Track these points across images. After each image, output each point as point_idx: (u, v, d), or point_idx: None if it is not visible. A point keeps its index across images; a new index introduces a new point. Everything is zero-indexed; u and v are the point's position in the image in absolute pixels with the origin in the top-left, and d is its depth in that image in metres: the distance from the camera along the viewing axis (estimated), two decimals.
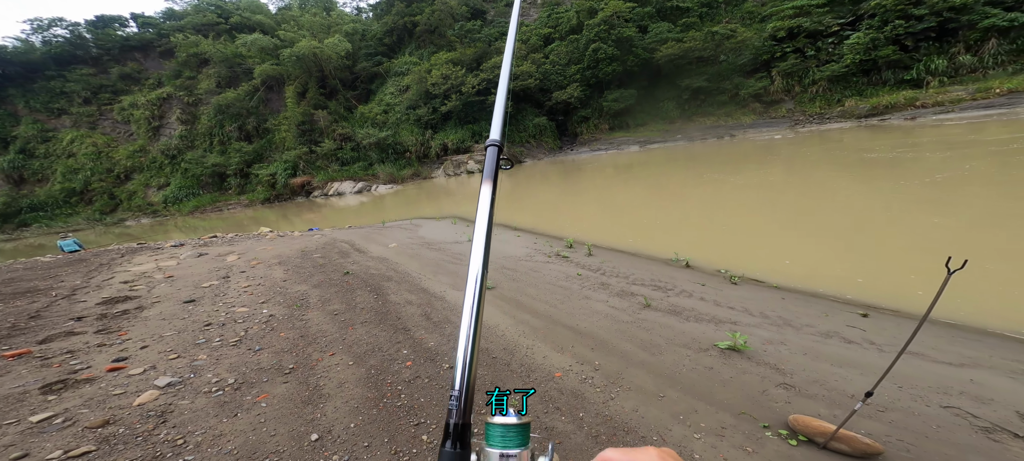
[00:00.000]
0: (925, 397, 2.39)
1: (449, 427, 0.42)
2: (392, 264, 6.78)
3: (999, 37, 19.33)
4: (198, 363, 3.47)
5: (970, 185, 7.79)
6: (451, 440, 0.42)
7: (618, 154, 25.99)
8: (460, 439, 0.42)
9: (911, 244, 5.46)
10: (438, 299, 5.03)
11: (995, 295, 3.82)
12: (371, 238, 9.49)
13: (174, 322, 4.48)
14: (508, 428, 0.42)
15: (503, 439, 0.41)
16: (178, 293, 5.61)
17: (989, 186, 7.57)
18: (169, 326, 4.36)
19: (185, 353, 3.68)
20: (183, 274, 6.73)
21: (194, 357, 3.59)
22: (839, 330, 3.40)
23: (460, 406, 0.43)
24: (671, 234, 7.46)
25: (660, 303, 4.28)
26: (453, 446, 0.41)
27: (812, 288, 4.58)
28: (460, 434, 0.42)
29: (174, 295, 5.52)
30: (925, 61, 20.65)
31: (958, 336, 3.32)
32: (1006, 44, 19.24)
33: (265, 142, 33.89)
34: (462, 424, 0.43)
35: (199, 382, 3.14)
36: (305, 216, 22.01)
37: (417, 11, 39.48)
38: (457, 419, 0.42)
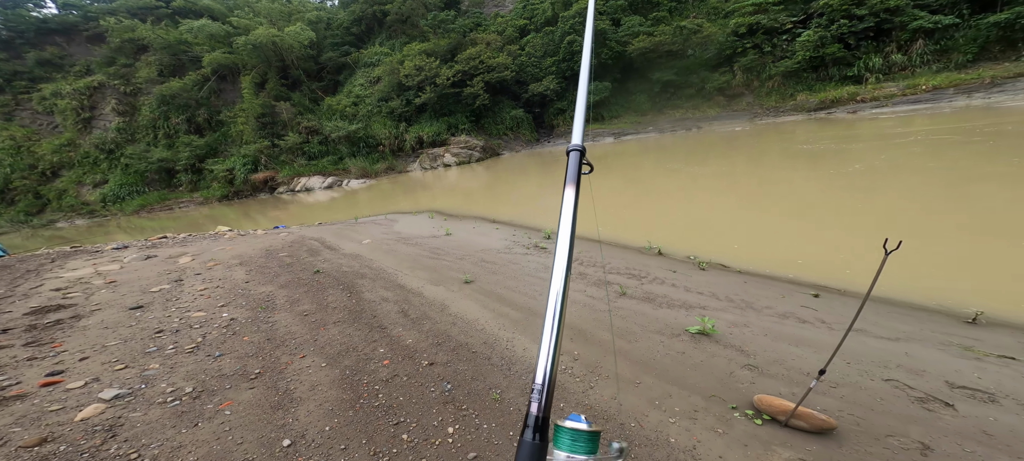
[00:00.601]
0: (869, 372, 2.63)
1: (529, 418, 0.43)
2: (366, 261, 6.55)
3: (925, 38, 21.31)
4: (150, 373, 3.20)
5: (900, 172, 8.61)
6: (532, 430, 0.43)
7: (593, 146, 26.41)
8: (540, 431, 0.43)
9: (851, 226, 5.96)
10: (416, 295, 4.92)
11: (924, 272, 4.26)
12: (343, 235, 9.10)
13: (119, 330, 4.09)
14: (578, 433, 0.42)
15: (572, 444, 0.42)
16: (122, 299, 5.12)
17: (916, 173, 8.41)
18: (113, 335, 3.98)
19: (134, 363, 3.37)
20: (128, 279, 6.15)
21: (145, 366, 3.30)
22: (795, 311, 3.66)
23: (541, 399, 0.44)
24: (644, 223, 7.70)
25: (635, 291, 4.41)
26: (533, 436, 0.42)
27: (770, 271, 4.89)
28: (541, 426, 0.43)
29: (118, 302, 5.03)
30: (864, 59, 22.43)
31: (894, 312, 3.67)
32: (931, 45, 21.26)
33: (219, 135, 31.42)
34: (544, 417, 0.43)
35: (152, 392, 2.90)
36: (270, 213, 20.75)
37: None
38: (539, 412, 0.43)
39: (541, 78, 31.07)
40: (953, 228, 5.29)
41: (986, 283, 3.95)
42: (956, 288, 3.94)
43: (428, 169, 28.08)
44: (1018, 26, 18.92)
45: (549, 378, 0.45)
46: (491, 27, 36.96)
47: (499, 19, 39.29)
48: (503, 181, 18.39)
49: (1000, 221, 5.31)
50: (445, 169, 27.14)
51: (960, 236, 5.04)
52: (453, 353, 3.43)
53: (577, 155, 0.60)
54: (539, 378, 0.45)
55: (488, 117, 31.41)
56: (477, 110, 30.56)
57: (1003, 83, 18.92)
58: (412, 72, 29.28)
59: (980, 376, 2.51)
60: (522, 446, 0.42)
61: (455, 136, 29.47)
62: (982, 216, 5.54)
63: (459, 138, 29.17)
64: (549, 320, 0.48)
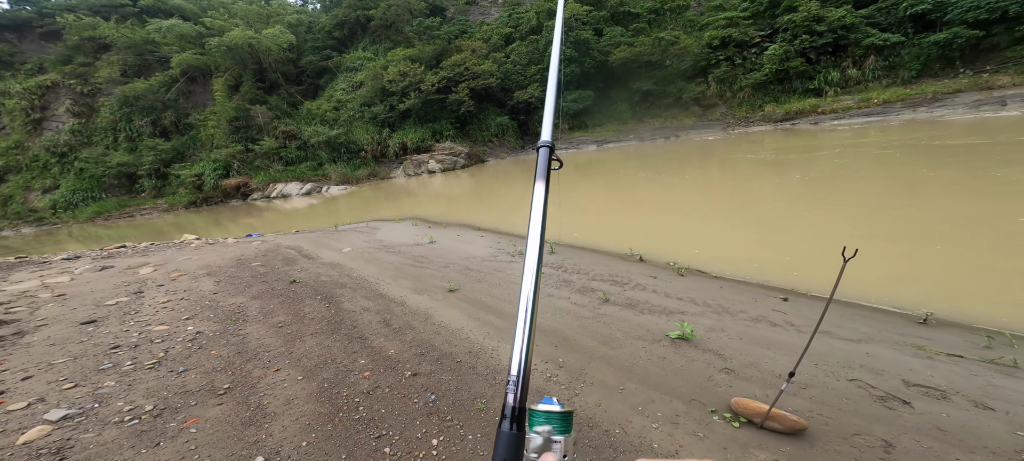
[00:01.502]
0: (835, 372, 2.78)
1: (506, 409, 0.45)
2: (346, 270, 6.36)
3: (876, 54, 23.04)
4: (104, 391, 2.98)
5: (855, 181, 9.22)
6: (509, 421, 0.44)
7: (577, 153, 26.86)
8: (517, 421, 0.44)
9: (813, 232, 6.32)
10: (398, 304, 4.82)
11: (880, 276, 4.56)
12: (322, 243, 8.82)
13: (68, 347, 3.80)
14: (551, 415, 0.45)
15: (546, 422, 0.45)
16: (72, 314, 4.75)
17: (869, 182, 9.03)
18: (62, 352, 3.69)
19: (85, 381, 3.14)
20: (79, 292, 5.72)
21: (98, 385, 3.07)
22: (766, 314, 3.83)
23: (517, 390, 0.45)
24: (626, 230, 7.88)
25: (618, 297, 4.49)
26: (511, 427, 0.44)
27: (744, 277, 5.10)
28: (517, 416, 0.44)
29: (67, 316, 4.67)
30: (824, 73, 23.98)
31: (855, 314, 3.90)
32: (881, 61, 23.01)
33: (188, 139, 29.92)
34: (520, 407, 0.45)
35: (106, 412, 2.70)
36: (242, 221, 19.86)
37: (371, 4, 37.40)
38: (515, 402, 0.45)
39: (526, 85, 31.43)
40: (902, 233, 5.69)
41: (934, 285, 4.26)
42: (909, 290, 4.23)
43: (412, 176, 27.73)
44: (955, 45, 20.75)
45: (524, 369, 0.47)
46: (477, 34, 37.20)
47: (485, 27, 39.61)
48: (488, 188, 18.38)
49: (942, 227, 5.77)
50: (429, 176, 26.87)
51: (908, 241, 5.44)
52: (437, 363, 3.38)
53: (546, 151, 0.62)
54: (514, 369, 0.47)
55: (473, 124, 31.43)
56: (462, 116, 30.53)
57: (943, 98, 20.67)
58: (396, 78, 28.97)
59: (932, 374, 2.70)
60: (500, 436, 0.43)
61: (440, 142, 29.27)
62: (927, 222, 6.01)
63: (444, 144, 28.99)
64: (522, 313, 0.49)
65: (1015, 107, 18.19)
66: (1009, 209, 5.96)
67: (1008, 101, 18.80)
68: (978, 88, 20.16)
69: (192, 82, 33.28)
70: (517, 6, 40.15)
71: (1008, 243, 4.95)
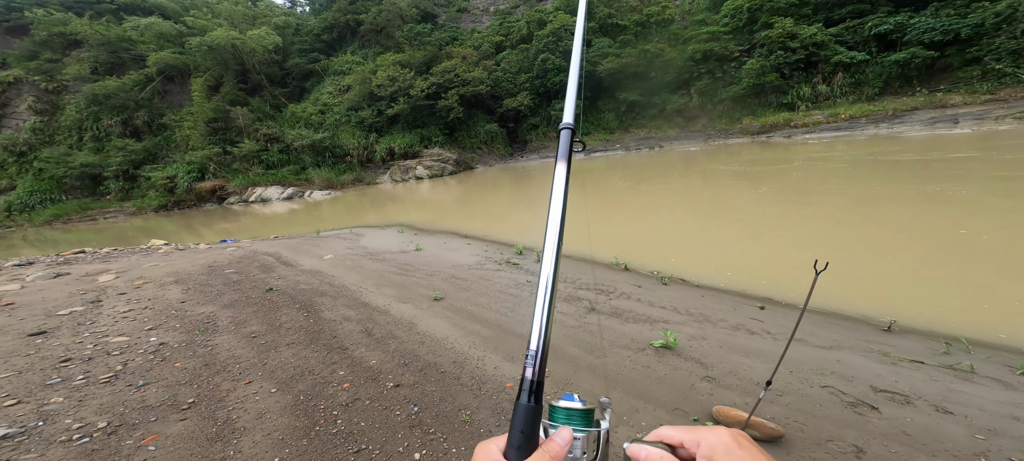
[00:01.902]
0: (809, 379, 2.88)
1: (524, 383, 0.45)
2: (327, 278, 6.19)
3: (844, 71, 24.40)
4: (50, 408, 2.78)
5: (823, 194, 9.70)
6: (527, 394, 0.44)
7: None
8: (535, 395, 0.44)
9: (784, 242, 6.58)
10: (381, 313, 4.72)
11: (848, 285, 4.77)
12: (302, 249, 8.56)
13: (13, 360, 3.54)
14: (572, 411, 0.45)
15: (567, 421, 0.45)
16: (20, 325, 4.44)
17: (835, 194, 9.52)
18: (5, 366, 3.44)
19: (30, 397, 2.92)
20: (29, 300, 5.36)
21: (44, 401, 2.87)
22: (744, 323, 3.93)
23: (536, 364, 0.46)
24: (611, 238, 7.99)
25: (603, 306, 4.53)
26: (529, 399, 0.44)
27: (723, 285, 5.24)
28: (535, 390, 0.45)
29: (14, 327, 4.36)
30: (797, 88, 25.20)
31: (826, 322, 4.06)
32: (848, 78, 24.37)
33: (161, 140, 28.71)
34: (538, 381, 0.45)
35: (52, 430, 2.52)
36: (218, 225, 19.10)
37: (362, 9, 37.22)
38: (533, 376, 0.45)
39: (516, 93, 31.74)
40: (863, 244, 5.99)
41: (894, 294, 4.49)
42: (873, 299, 4.44)
43: (399, 181, 27.41)
44: (912, 65, 22.21)
45: (543, 344, 0.47)
46: (468, 42, 37.49)
47: (476, 34, 39.97)
48: (476, 195, 18.33)
49: (901, 238, 6.11)
50: (417, 182, 26.63)
51: (869, 251, 5.73)
52: (421, 374, 3.31)
53: (568, 133, 0.61)
54: (533, 344, 0.47)
55: (462, 130, 31.44)
56: (451, 123, 30.51)
57: (903, 115, 22.04)
58: (385, 82, 28.74)
59: (896, 380, 2.83)
60: (518, 409, 0.44)
61: (428, 148, 29.11)
62: (885, 234, 6.34)
63: (432, 150, 28.85)
64: (542, 288, 0.49)
65: (966, 125, 19.55)
66: (953, 221, 6.40)
67: (960, 119, 20.20)
68: (933, 106, 21.60)
69: (169, 81, 32.07)
70: (508, 15, 40.78)
71: (955, 254, 5.29)
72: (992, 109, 19.81)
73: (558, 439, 0.43)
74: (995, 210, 6.79)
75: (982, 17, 20.51)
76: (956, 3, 21.73)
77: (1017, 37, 19.63)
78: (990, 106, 20.07)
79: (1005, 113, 19.11)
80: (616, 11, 33.48)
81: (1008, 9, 19.59)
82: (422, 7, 41.89)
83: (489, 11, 45.37)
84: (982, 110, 20.10)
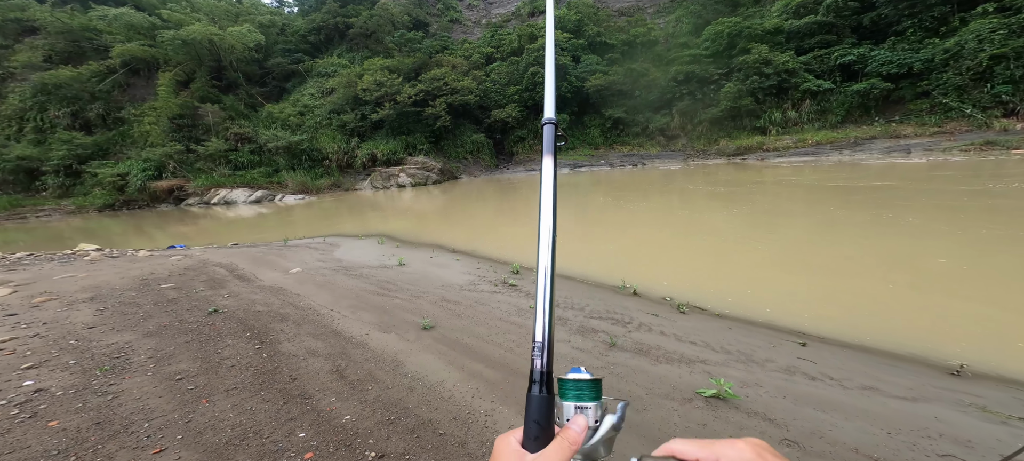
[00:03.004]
0: (918, 445, 2.26)
1: (534, 374, 0.45)
2: (291, 297, 5.16)
3: (811, 99, 25.66)
4: None
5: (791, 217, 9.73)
6: (538, 385, 0.44)
7: None
8: (546, 385, 0.45)
9: (792, 267, 6.21)
10: (358, 346, 3.79)
11: (860, 313, 4.32)
12: (264, 261, 7.39)
13: None
14: (581, 382, 0.45)
15: (577, 393, 0.45)
16: None
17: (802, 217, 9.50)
18: None
19: None
20: None
21: None
22: (795, 364, 3.33)
23: (543, 355, 0.46)
24: (606, 257, 7.40)
25: (624, 341, 3.82)
26: (540, 390, 0.44)
27: (745, 315, 4.68)
28: (546, 380, 0.45)
29: None
30: (768, 113, 26.26)
31: (874, 361, 3.53)
32: (815, 105, 25.65)
33: (116, 135, 26.04)
34: (547, 371, 0.45)
35: None
36: (173, 229, 17.18)
37: (353, 13, 36.21)
38: (542, 367, 0.45)
39: (504, 105, 31.46)
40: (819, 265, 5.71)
41: (919, 329, 4.08)
42: (903, 333, 4.00)
43: (380, 189, 26.10)
44: (871, 95, 23.61)
45: (547, 335, 0.47)
46: (458, 52, 37.12)
47: (466, 45, 39.70)
48: (461, 206, 17.44)
49: (869, 263, 5.86)
50: (399, 190, 25.43)
51: (834, 275, 5.41)
52: (412, 437, 2.45)
53: (551, 128, 0.62)
54: (538, 337, 0.47)
55: (448, 139, 30.64)
56: (438, 131, 29.66)
57: (863, 143, 23.30)
58: (371, 86, 27.64)
59: (1019, 441, 2.28)
60: (531, 400, 0.44)
61: (412, 156, 28.04)
62: (845, 257, 6.11)
63: (417, 158, 27.79)
64: (541, 279, 0.50)
65: (917, 155, 20.79)
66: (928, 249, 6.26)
67: (912, 149, 21.49)
68: (888, 136, 22.96)
69: (134, 74, 29.44)
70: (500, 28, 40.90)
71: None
72: (940, 140, 21.22)
73: (574, 426, 0.43)
74: None
75: (932, 53, 22.14)
76: (910, 38, 23.41)
77: (962, 73, 21.27)
78: (938, 138, 21.50)
79: (952, 145, 20.49)
80: (605, 30, 34.19)
81: (955, 47, 21.24)
82: (414, 15, 41.34)
83: (481, 23, 45.42)
84: (931, 141, 21.50)
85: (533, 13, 42.58)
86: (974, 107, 21.15)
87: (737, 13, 29.74)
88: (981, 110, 20.95)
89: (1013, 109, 20.19)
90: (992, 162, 16.07)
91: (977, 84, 21.31)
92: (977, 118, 20.99)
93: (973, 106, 21.19)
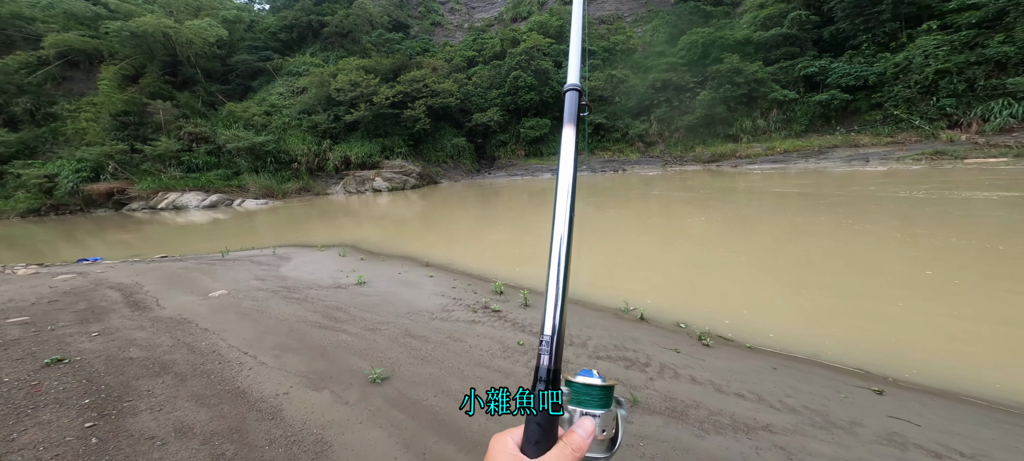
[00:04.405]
0: None
1: (540, 371, 0.42)
2: (195, 333, 3.72)
3: (778, 108, 26.19)
4: None
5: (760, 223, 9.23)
6: (545, 382, 0.41)
7: (533, 180, 25.84)
8: (552, 382, 0.41)
9: (780, 279, 5.41)
10: (266, 416, 2.49)
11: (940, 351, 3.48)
12: (183, 279, 5.78)
13: None
14: (591, 388, 0.41)
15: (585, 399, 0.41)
16: None
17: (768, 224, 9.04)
18: None
19: None
20: None
21: None
22: (897, 431, 2.34)
23: (552, 351, 0.42)
24: (598, 269, 6.37)
25: (649, 395, 2.71)
26: (546, 388, 0.41)
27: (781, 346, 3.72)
28: (552, 378, 0.41)
29: None
30: (740, 121, 26.58)
31: (972, 414, 2.62)
32: (781, 115, 26.20)
33: (46, 131, 22.67)
34: (554, 369, 0.42)
35: None
36: (110, 236, 14.90)
37: (328, 11, 33.99)
38: (550, 364, 0.42)
39: (486, 109, 30.31)
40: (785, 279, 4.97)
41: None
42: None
43: (354, 193, 24.17)
44: (832, 106, 24.32)
45: (558, 330, 0.42)
46: (439, 54, 35.71)
47: (448, 48, 38.37)
48: (440, 213, 16.02)
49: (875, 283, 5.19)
50: (375, 194, 23.61)
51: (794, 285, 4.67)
52: None
53: (574, 95, 0.56)
54: (548, 330, 0.42)
55: (428, 143, 29.03)
56: (417, 134, 28.00)
57: (826, 151, 23.92)
58: (346, 86, 25.66)
59: None
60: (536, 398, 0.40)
61: (390, 159, 26.21)
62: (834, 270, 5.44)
63: (394, 162, 26.00)
64: (554, 269, 0.44)
65: (876, 163, 21.45)
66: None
67: (870, 158, 22.19)
68: (848, 145, 23.69)
69: (72, 67, 25.93)
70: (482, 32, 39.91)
71: None
72: (894, 150, 22.01)
73: (580, 430, 0.38)
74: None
75: (884, 66, 23.04)
76: (865, 52, 24.34)
77: (911, 87, 22.23)
78: (892, 148, 22.33)
79: (904, 154, 21.27)
80: (586, 36, 33.89)
81: (904, 61, 22.17)
82: (395, 16, 39.62)
83: (463, 27, 44.26)
84: (886, 150, 22.29)
85: (516, 18, 41.89)
86: (921, 119, 22.11)
87: (709, 24, 30.18)
88: (928, 122, 21.93)
89: (957, 121, 21.21)
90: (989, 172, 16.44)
91: (924, 97, 22.33)
92: (925, 129, 21.94)
93: (920, 118, 22.16)
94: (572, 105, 0.55)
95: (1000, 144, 18.97)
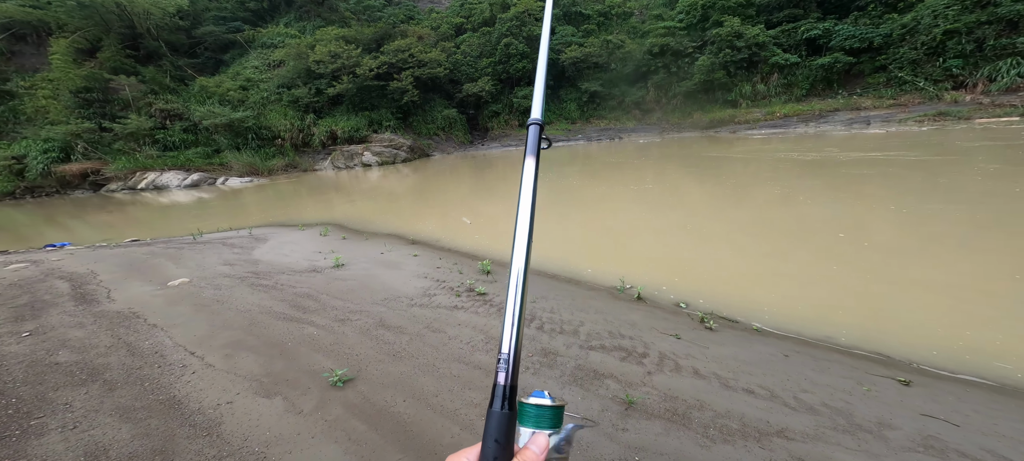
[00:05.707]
0: None
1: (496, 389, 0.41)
2: (138, 329, 3.29)
3: (779, 72, 25.09)
4: None
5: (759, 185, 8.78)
6: (501, 400, 0.41)
7: None
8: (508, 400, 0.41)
9: (765, 252, 5.05)
10: (201, 432, 2.12)
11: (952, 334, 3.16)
12: (145, 266, 5.30)
13: None
14: (541, 408, 0.41)
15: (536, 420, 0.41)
16: None
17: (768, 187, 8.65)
18: None
19: None
20: None
21: None
22: (934, 433, 2.01)
23: (508, 369, 0.42)
24: (591, 244, 5.96)
25: (647, 394, 2.35)
26: (502, 406, 0.41)
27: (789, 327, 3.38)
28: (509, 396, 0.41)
29: None
30: (739, 87, 25.50)
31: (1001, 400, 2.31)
32: (782, 79, 25.14)
33: (6, 110, 21.15)
34: (511, 386, 0.42)
35: None
36: (92, 218, 14.37)
37: None
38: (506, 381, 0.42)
39: (476, 78, 28.69)
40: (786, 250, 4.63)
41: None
42: None
43: (342, 169, 23.26)
44: (834, 69, 23.32)
45: (515, 348, 0.43)
46: (425, 21, 33.31)
47: (434, 14, 35.82)
48: (432, 185, 15.39)
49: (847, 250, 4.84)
50: (364, 169, 22.74)
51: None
52: None
53: (536, 129, 0.58)
54: (505, 348, 0.43)
55: (417, 115, 27.66)
56: (405, 106, 26.60)
57: (827, 115, 23.16)
58: (326, 58, 23.99)
59: None
60: (491, 416, 0.40)
61: (378, 133, 25.02)
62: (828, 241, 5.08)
63: (383, 136, 24.85)
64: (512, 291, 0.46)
65: (876, 126, 20.84)
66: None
67: (871, 120, 21.54)
68: (850, 108, 22.92)
69: (19, 40, 23.83)
70: None
71: None
72: (896, 113, 21.36)
73: (534, 447, 0.39)
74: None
75: (891, 27, 21.88)
76: (871, 13, 23.03)
77: (917, 48, 21.21)
78: (894, 110, 21.65)
79: (907, 116, 20.65)
80: (580, 0, 31.72)
81: (912, 22, 21.02)
82: None
83: None
84: (888, 113, 21.60)
85: None
86: (926, 80, 21.31)
87: None
88: (932, 83, 21.14)
89: (962, 82, 20.45)
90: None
91: (930, 58, 21.40)
92: (929, 91, 21.18)
93: (925, 79, 21.34)
94: (534, 139, 0.56)
95: (1006, 103, 18.38)
